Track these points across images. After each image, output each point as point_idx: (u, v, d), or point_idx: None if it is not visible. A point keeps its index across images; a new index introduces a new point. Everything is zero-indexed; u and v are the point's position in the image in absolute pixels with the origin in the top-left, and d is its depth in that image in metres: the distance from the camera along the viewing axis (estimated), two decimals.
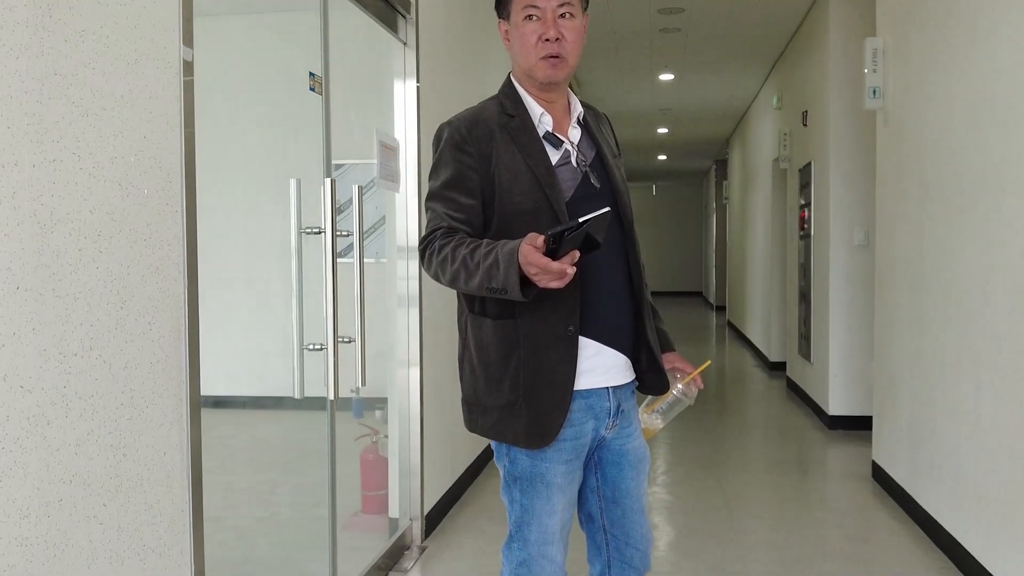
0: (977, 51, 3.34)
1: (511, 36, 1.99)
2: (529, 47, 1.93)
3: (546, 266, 1.64)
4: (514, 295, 1.73)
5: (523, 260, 1.68)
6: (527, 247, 1.67)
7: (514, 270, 1.70)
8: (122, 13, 1.66)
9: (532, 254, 1.65)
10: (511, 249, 1.71)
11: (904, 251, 4.29)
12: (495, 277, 1.73)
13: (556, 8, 1.92)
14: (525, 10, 1.92)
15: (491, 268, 1.74)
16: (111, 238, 1.62)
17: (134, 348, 1.69)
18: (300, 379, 2.61)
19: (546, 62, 1.93)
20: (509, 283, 1.71)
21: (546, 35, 1.91)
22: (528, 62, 1.95)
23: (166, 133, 1.79)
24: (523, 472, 1.93)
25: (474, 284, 1.78)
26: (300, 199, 2.60)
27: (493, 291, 1.76)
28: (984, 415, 3.24)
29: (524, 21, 1.93)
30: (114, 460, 1.64)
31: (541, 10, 1.92)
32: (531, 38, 1.92)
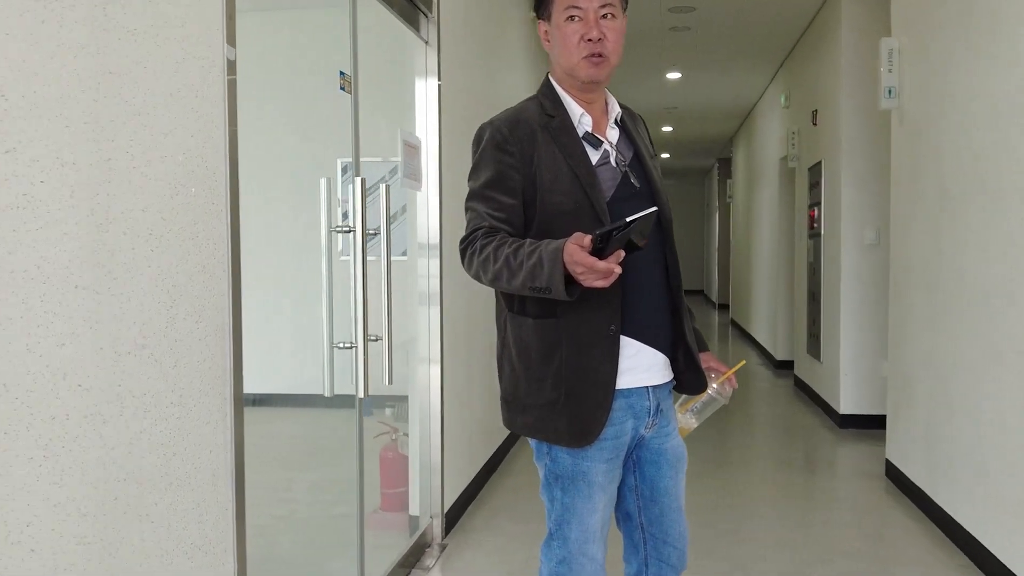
0: (998, 51, 3.34)
1: (552, 37, 2.00)
2: (571, 47, 1.94)
3: (592, 265, 1.65)
4: (558, 294, 1.73)
5: (569, 259, 1.68)
6: (573, 247, 1.67)
7: (559, 269, 1.70)
8: (171, 12, 1.66)
9: (578, 253, 1.66)
10: (556, 248, 1.72)
11: (920, 251, 4.29)
12: (539, 276, 1.74)
13: (598, 9, 1.93)
14: (567, 11, 1.93)
15: (535, 267, 1.74)
16: (162, 237, 1.62)
17: (183, 347, 1.70)
18: (330, 377, 2.62)
19: (588, 61, 1.94)
20: (554, 282, 1.71)
21: (588, 35, 1.92)
22: (570, 62, 1.95)
23: (211, 132, 1.80)
24: (565, 471, 1.94)
25: (517, 283, 1.79)
26: (331, 198, 2.61)
27: (536, 290, 1.76)
28: (1006, 416, 3.25)
29: (566, 22, 1.94)
30: (164, 459, 1.64)
31: (583, 11, 1.93)
32: (573, 38, 1.93)
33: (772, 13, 6.92)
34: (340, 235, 2.66)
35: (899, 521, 4.14)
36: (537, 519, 4.01)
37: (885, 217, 5.73)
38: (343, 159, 4.23)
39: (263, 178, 4.19)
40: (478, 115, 4.49)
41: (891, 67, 4.64)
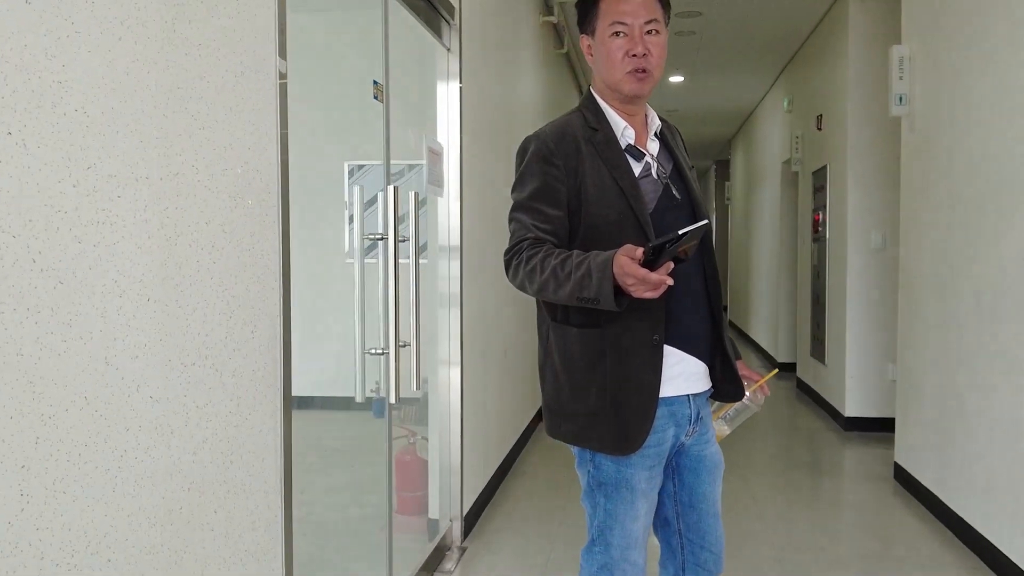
0: (1010, 59, 3.38)
1: (595, 51, 2.03)
2: (616, 62, 1.97)
3: (645, 277, 1.67)
4: (607, 305, 1.75)
5: (619, 271, 1.71)
6: (624, 259, 1.70)
7: (608, 280, 1.73)
8: (230, 26, 1.68)
9: (630, 265, 1.68)
10: (605, 260, 1.74)
11: (931, 255, 4.34)
12: (587, 287, 1.76)
13: (643, 25, 1.96)
14: (613, 26, 1.96)
15: (583, 278, 1.77)
16: (223, 249, 1.65)
17: (240, 356, 1.72)
18: (362, 382, 2.64)
19: (633, 76, 1.96)
20: (603, 293, 1.74)
21: (633, 51, 1.95)
22: (614, 77, 1.98)
23: (265, 145, 1.82)
24: (608, 478, 1.97)
25: (564, 293, 1.81)
26: (363, 206, 2.63)
27: (585, 300, 1.79)
28: (1018, 418, 3.29)
29: (611, 37, 1.97)
30: (223, 467, 1.66)
31: (629, 27, 1.95)
32: (618, 54, 1.96)
33: (777, 19, 6.96)
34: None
35: (910, 523, 4.19)
36: (555, 521, 4.05)
37: (891, 221, 5.78)
38: (350, 162, 4.25)
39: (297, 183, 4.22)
40: (496, 120, 4.53)
41: (902, 74, 4.68)
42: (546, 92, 6.38)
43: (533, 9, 5.88)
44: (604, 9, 1.98)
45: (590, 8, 2.01)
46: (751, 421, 7.06)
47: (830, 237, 6.74)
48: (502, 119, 4.73)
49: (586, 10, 2.03)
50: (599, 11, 1.99)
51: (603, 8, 1.98)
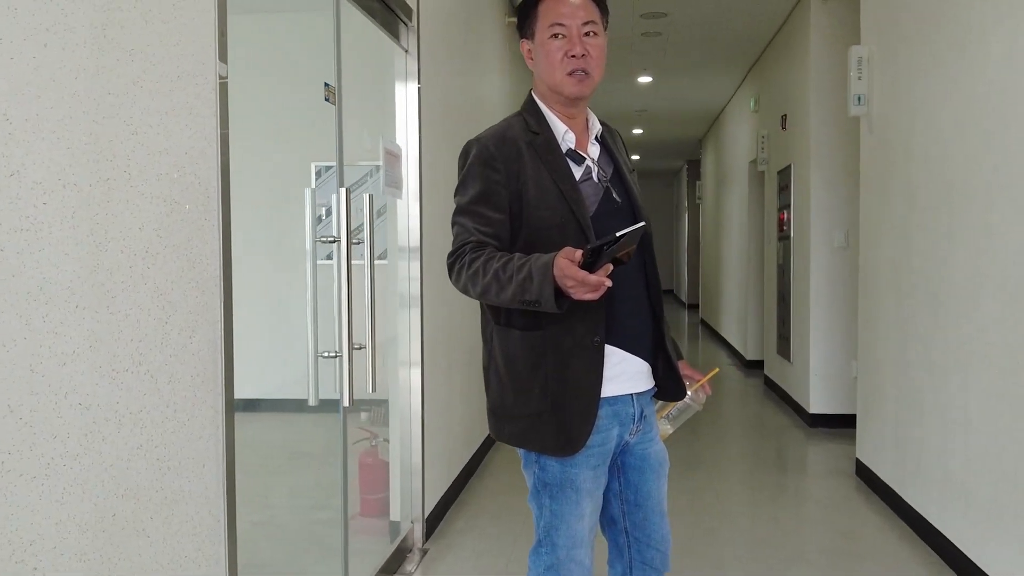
0: (966, 63, 3.43)
1: (535, 55, 2.05)
2: (555, 64, 1.99)
3: (584, 279, 1.69)
4: (548, 307, 1.77)
5: (559, 273, 1.72)
6: (564, 261, 1.71)
7: (549, 282, 1.74)
8: (166, 31, 1.68)
9: (569, 267, 1.70)
10: (545, 263, 1.76)
11: (890, 255, 4.39)
12: (529, 290, 1.78)
13: (581, 26, 1.98)
14: (551, 28, 1.99)
15: (525, 281, 1.78)
16: (157, 254, 1.64)
17: (176, 362, 1.71)
18: (315, 386, 2.64)
19: (573, 78, 1.99)
20: (544, 295, 1.75)
21: (572, 51, 1.97)
22: (554, 79, 2.00)
23: (204, 149, 1.81)
24: (553, 478, 1.98)
25: (506, 296, 1.83)
26: (315, 209, 2.63)
27: (526, 303, 1.80)
28: (973, 416, 3.34)
29: (550, 39, 1.99)
30: (159, 474, 1.66)
31: (567, 28, 1.98)
32: (557, 55, 1.98)
33: (742, 20, 7.02)
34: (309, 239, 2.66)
35: (870, 519, 4.24)
36: (517, 522, 4.06)
37: (854, 220, 5.84)
38: (317, 163, 4.24)
39: (244, 185, 4.20)
40: (458, 121, 4.53)
41: (860, 75, 4.74)
42: (512, 92, 6.39)
43: (498, 10, 5.89)
44: (542, 12, 2.00)
45: (529, 12, 2.03)
46: (719, 419, 7.11)
47: (795, 236, 6.81)
48: (465, 120, 4.74)
49: (525, 15, 2.05)
50: (537, 14, 2.01)
51: (541, 11, 2.01)
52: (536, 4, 2.02)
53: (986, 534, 3.24)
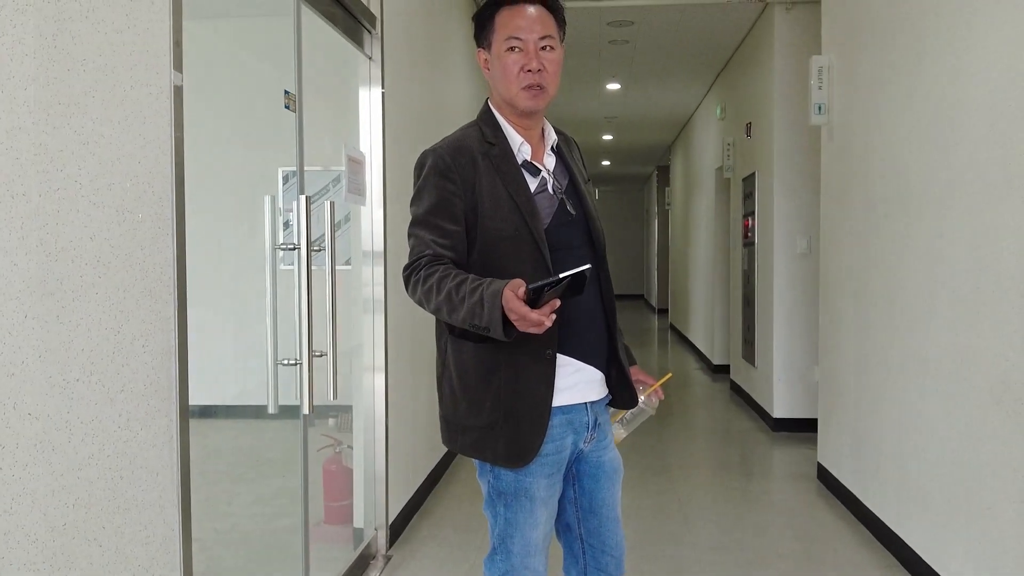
0: (921, 76, 3.51)
1: (492, 65, 2.06)
2: (511, 77, 2.00)
3: (525, 315, 1.72)
4: (496, 335, 1.79)
5: (505, 305, 1.75)
6: (509, 293, 1.74)
7: (498, 311, 1.76)
8: (119, 40, 1.68)
9: (512, 301, 1.73)
10: (495, 291, 1.77)
11: (850, 262, 4.47)
12: (478, 315, 1.80)
13: (538, 41, 1.99)
14: (508, 41, 1.99)
15: (475, 306, 1.80)
16: (109, 264, 1.64)
17: (129, 371, 1.71)
18: (274, 394, 2.64)
19: (528, 92, 2.00)
20: (493, 323, 1.77)
21: (528, 66, 1.98)
22: (510, 92, 2.02)
23: (158, 157, 1.82)
24: (508, 487, 2.00)
25: (458, 317, 1.84)
26: (275, 215, 2.63)
27: (476, 327, 1.82)
28: (928, 420, 3.41)
29: (506, 52, 2.00)
30: (112, 483, 1.66)
31: (524, 42, 1.99)
32: (513, 68, 1.99)
33: (707, 28, 7.10)
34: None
35: (830, 523, 4.30)
36: (481, 529, 4.07)
37: (815, 227, 5.93)
38: (284, 168, 4.23)
39: (206, 191, 4.18)
40: (421, 128, 4.54)
41: (821, 84, 4.82)
42: (477, 98, 6.41)
43: (462, 17, 5.91)
44: (500, 23, 2.01)
45: (486, 22, 2.04)
46: (685, 423, 7.15)
47: (759, 242, 6.89)
48: (431, 125, 4.75)
49: (482, 24, 2.06)
50: (495, 25, 2.02)
51: (499, 22, 2.01)
52: (493, 15, 2.02)
53: (941, 537, 3.30)
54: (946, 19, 3.26)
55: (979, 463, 2.97)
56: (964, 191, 3.09)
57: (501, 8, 2.01)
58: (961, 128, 3.12)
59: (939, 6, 3.32)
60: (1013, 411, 2.72)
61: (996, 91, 2.85)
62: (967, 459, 3.06)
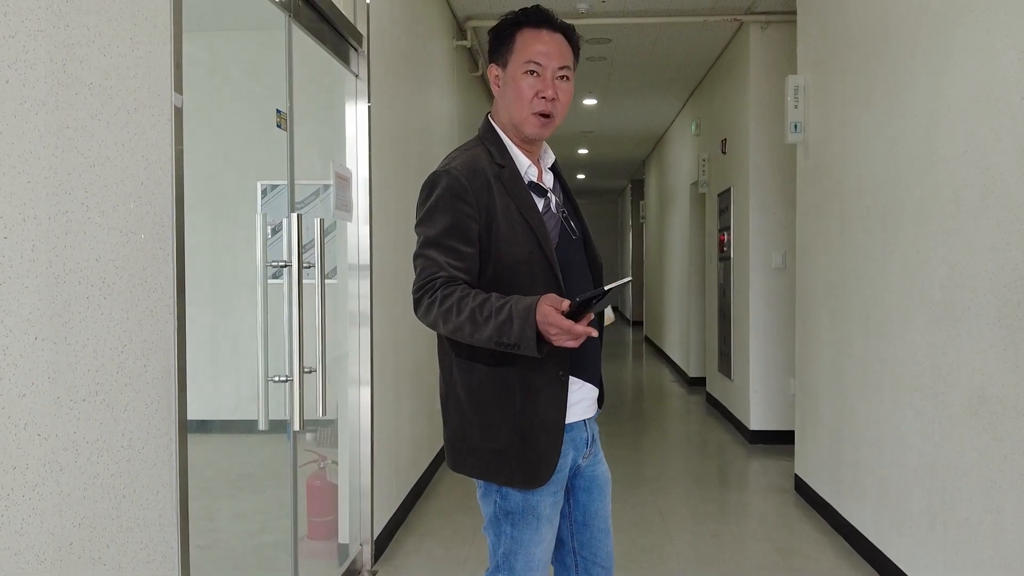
0: (898, 95, 3.60)
1: (504, 84, 2.04)
2: (525, 101, 1.99)
3: (570, 328, 1.74)
4: (528, 351, 1.80)
5: (543, 320, 1.77)
6: (549, 308, 1.76)
7: (531, 327, 1.78)
8: (123, 64, 1.70)
9: (554, 315, 1.75)
10: (527, 307, 1.79)
11: (826, 278, 4.55)
12: (508, 332, 1.80)
13: (557, 69, 1.99)
14: (527, 64, 1.98)
15: (504, 324, 1.80)
16: (114, 284, 1.66)
17: (132, 391, 1.73)
18: (265, 410, 2.65)
19: (537, 119, 2.00)
20: (524, 339, 1.78)
21: (544, 93, 1.98)
22: (520, 115, 2.01)
23: (160, 179, 1.84)
24: (515, 507, 2.00)
25: (482, 336, 1.84)
26: (267, 233, 2.65)
27: (504, 345, 1.82)
28: (906, 432, 3.49)
29: (524, 75, 1.99)
30: (116, 502, 1.67)
31: (543, 68, 1.98)
32: (528, 92, 1.98)
33: (683, 46, 7.20)
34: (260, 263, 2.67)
35: (808, 534, 4.37)
36: (466, 543, 4.09)
37: (790, 241, 6.04)
38: (263, 182, 4.24)
39: (195, 208, 4.17)
40: (407, 144, 4.58)
41: (797, 103, 4.91)
42: (461, 115, 6.46)
43: (446, 34, 5.96)
44: (520, 45, 2.00)
45: (505, 40, 2.03)
46: (662, 436, 7.19)
47: (734, 256, 6.98)
48: (415, 142, 4.79)
49: (501, 41, 2.03)
50: (515, 46, 2.00)
51: (519, 43, 2.00)
52: (514, 34, 2.01)
53: (919, 548, 3.37)
54: (922, 40, 3.35)
55: (956, 474, 3.04)
56: (940, 208, 3.17)
57: (523, 28, 2.01)
58: (937, 147, 3.21)
59: (916, 27, 3.42)
60: (989, 423, 2.80)
61: (971, 110, 2.94)
62: (944, 470, 3.13)
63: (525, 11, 2.02)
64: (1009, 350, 2.68)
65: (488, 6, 6.09)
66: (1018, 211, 2.64)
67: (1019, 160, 2.63)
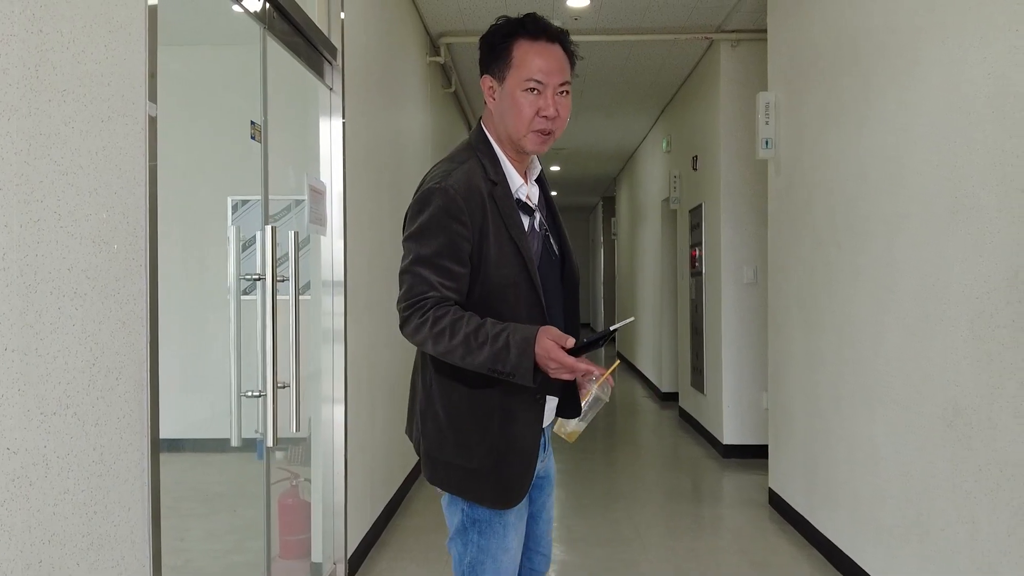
0: (868, 110, 3.65)
1: (500, 98, 1.97)
2: (525, 118, 1.93)
3: (573, 366, 1.78)
4: (523, 381, 1.81)
5: (544, 354, 1.78)
6: (552, 344, 1.78)
7: (529, 358, 1.79)
8: (97, 71, 1.67)
9: (556, 351, 1.78)
10: (525, 338, 1.80)
11: (798, 292, 4.59)
12: (504, 361, 1.80)
13: (558, 86, 1.94)
14: (528, 82, 1.92)
15: (501, 351, 1.80)
16: (85, 295, 1.62)
17: (103, 404, 1.69)
18: (238, 426, 2.61)
19: (538, 136, 1.95)
20: (521, 369, 1.79)
21: (546, 111, 1.92)
22: (519, 131, 1.95)
23: (133, 188, 1.81)
24: (483, 515, 2.00)
25: (475, 361, 1.82)
26: (240, 247, 2.61)
27: (497, 372, 1.82)
28: (878, 446, 3.51)
29: (524, 92, 1.92)
30: (86, 518, 1.63)
31: (544, 86, 1.92)
32: (528, 109, 1.93)
33: (654, 64, 7.26)
34: (233, 276, 2.64)
35: (783, 548, 4.37)
36: (440, 561, 4.05)
37: (762, 256, 6.08)
38: (234, 197, 4.20)
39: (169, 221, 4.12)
40: (384, 157, 4.56)
41: (768, 120, 4.96)
42: (435, 129, 6.46)
43: (420, 50, 5.96)
44: (519, 59, 1.93)
45: (500, 52, 1.95)
46: (635, 451, 7.18)
47: (706, 272, 7.02)
48: (389, 156, 4.77)
49: (496, 53, 1.96)
50: (512, 59, 1.93)
51: (518, 57, 1.93)
52: (510, 44, 1.94)
53: (895, 560, 3.38)
54: (891, 55, 3.40)
55: (931, 486, 3.06)
56: (911, 222, 3.21)
57: (519, 38, 1.94)
58: (907, 161, 3.25)
59: (884, 43, 3.47)
60: (963, 435, 2.82)
61: (940, 124, 2.99)
62: (919, 482, 3.15)
63: (521, 20, 1.95)
64: (982, 361, 2.71)
65: (461, 23, 6.10)
66: (989, 223, 2.67)
67: (990, 172, 2.67)
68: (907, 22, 3.25)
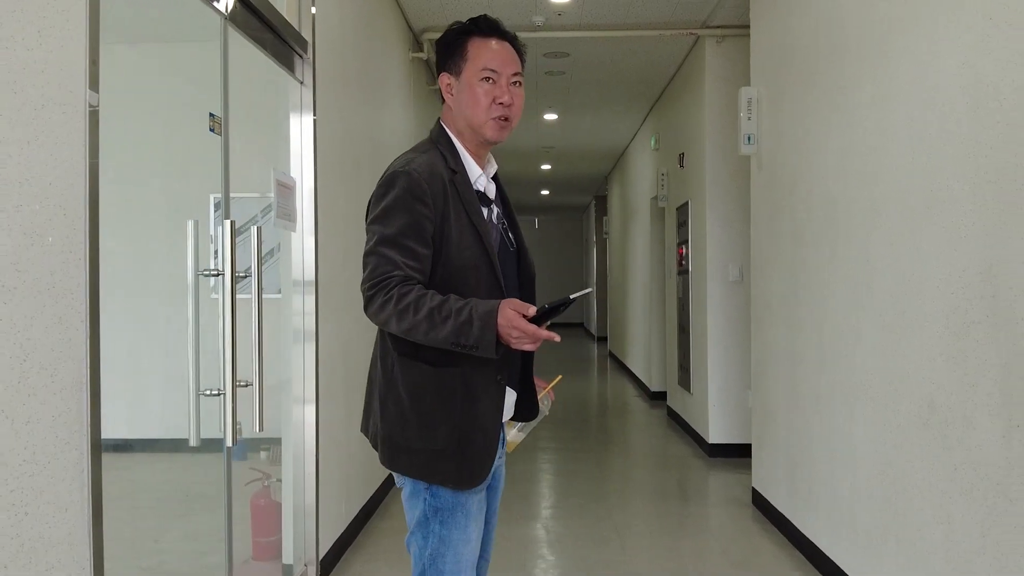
0: (844, 104, 3.60)
1: (457, 92, 2.07)
2: (483, 107, 2.03)
3: (534, 333, 1.80)
4: (486, 352, 1.83)
5: (506, 323, 1.80)
6: (513, 313, 1.80)
7: (491, 330, 1.81)
8: (29, 58, 1.62)
9: (518, 320, 1.80)
10: (488, 311, 1.82)
11: (780, 289, 4.54)
12: (467, 334, 1.82)
13: (511, 76, 2.05)
14: (483, 72, 2.03)
15: (464, 325, 1.82)
16: (15, 289, 1.57)
17: (36, 402, 1.63)
18: (196, 426, 2.55)
19: (496, 123, 2.04)
20: (484, 341, 1.82)
21: (501, 98, 2.03)
22: (478, 119, 2.04)
23: (71, 179, 1.75)
24: (445, 503, 1.99)
25: (437, 336, 1.85)
26: (198, 241, 2.55)
27: (460, 346, 1.84)
28: (857, 445, 3.46)
29: (480, 82, 2.03)
30: (15, 520, 1.57)
31: (498, 75, 2.03)
32: (485, 99, 2.03)
33: (641, 60, 7.21)
34: (211, 276, 2.60)
35: (765, 547, 4.32)
36: None
37: (747, 255, 6.03)
38: (216, 195, 4.15)
39: (128, 216, 4.06)
40: (356, 154, 4.50)
41: (750, 115, 4.91)
42: (418, 126, 6.40)
43: (403, 46, 5.91)
44: (474, 53, 2.04)
45: (455, 49, 2.07)
46: (623, 450, 7.14)
47: (692, 270, 6.98)
48: (366, 152, 4.71)
49: (452, 51, 2.07)
50: (468, 54, 2.04)
51: (472, 52, 2.04)
52: (465, 42, 2.06)
53: (873, 559, 3.34)
54: (866, 49, 3.35)
55: (908, 485, 3.01)
56: (888, 218, 3.16)
57: (472, 36, 2.06)
58: (883, 156, 3.20)
59: (860, 37, 3.42)
60: (940, 433, 2.78)
61: (916, 118, 2.94)
62: (896, 481, 3.10)
63: (474, 20, 2.08)
64: (957, 358, 2.66)
65: (444, 18, 6.04)
66: (964, 217, 2.63)
67: (964, 166, 2.62)
68: (882, 14, 3.20)
